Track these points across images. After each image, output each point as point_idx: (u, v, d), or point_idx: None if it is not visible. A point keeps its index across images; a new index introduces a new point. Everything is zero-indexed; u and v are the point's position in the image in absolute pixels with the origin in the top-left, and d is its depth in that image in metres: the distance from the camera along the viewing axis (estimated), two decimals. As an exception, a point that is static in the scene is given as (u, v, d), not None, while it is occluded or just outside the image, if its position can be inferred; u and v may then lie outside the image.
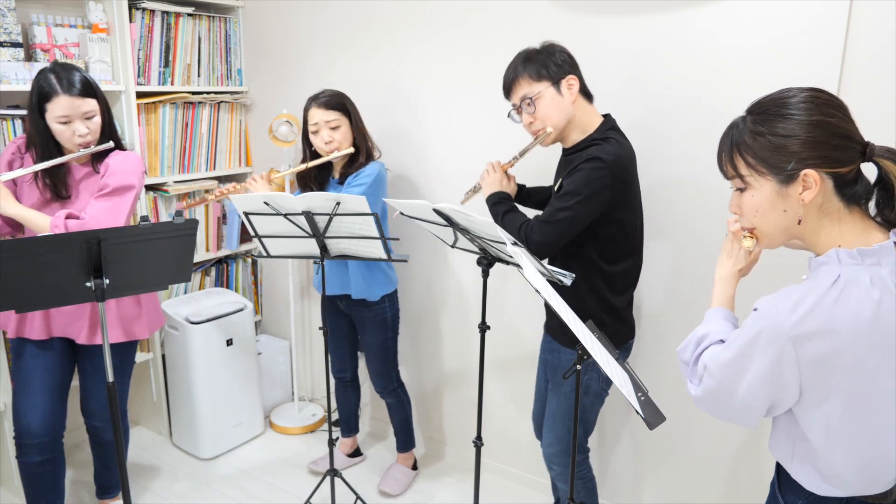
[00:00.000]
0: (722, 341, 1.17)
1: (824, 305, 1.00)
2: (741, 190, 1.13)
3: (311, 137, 2.38)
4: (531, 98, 1.79)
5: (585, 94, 1.85)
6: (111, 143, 2.09)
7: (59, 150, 2.05)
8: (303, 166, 2.40)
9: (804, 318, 1.00)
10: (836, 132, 1.04)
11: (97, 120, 2.05)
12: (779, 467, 1.23)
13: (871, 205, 1.11)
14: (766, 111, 1.08)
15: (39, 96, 1.97)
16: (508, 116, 1.90)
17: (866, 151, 1.06)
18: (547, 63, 1.78)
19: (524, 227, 1.81)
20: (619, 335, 1.91)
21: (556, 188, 1.86)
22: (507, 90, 1.86)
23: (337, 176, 2.45)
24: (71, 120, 1.99)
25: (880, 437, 1.06)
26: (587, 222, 1.77)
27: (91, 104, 2.03)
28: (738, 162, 1.11)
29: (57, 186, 2.07)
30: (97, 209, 2.03)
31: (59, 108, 1.97)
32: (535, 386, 2.18)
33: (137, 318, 2.23)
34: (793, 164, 1.05)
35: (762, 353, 1.05)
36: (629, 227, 1.84)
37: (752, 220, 1.14)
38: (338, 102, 2.36)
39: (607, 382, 1.93)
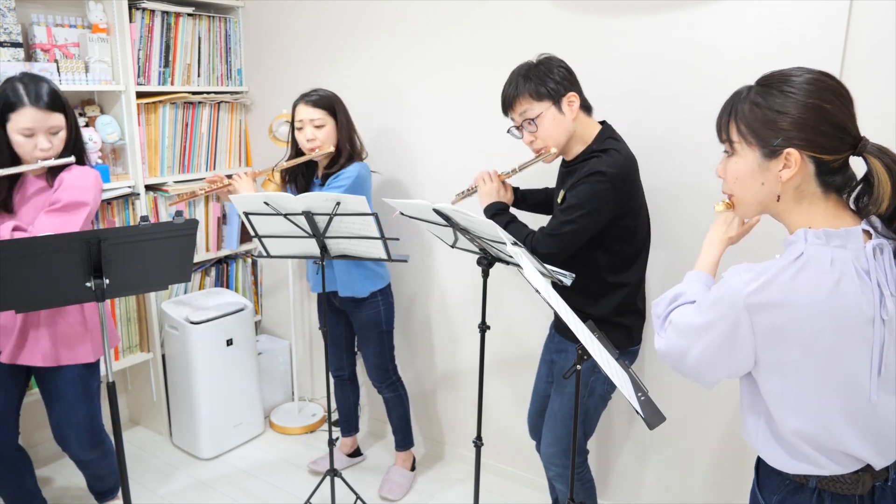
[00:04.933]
0: (693, 302, 1.22)
1: (783, 279, 1.03)
2: (728, 155, 1.17)
3: (296, 134, 2.39)
4: (532, 118, 1.80)
5: (585, 107, 1.85)
6: (72, 159, 1.99)
7: (13, 161, 1.94)
8: (283, 164, 2.40)
9: (761, 288, 1.04)
10: (828, 119, 1.06)
11: (62, 135, 1.97)
12: (757, 468, 1.26)
13: (853, 198, 1.13)
14: (770, 84, 1.11)
15: (4, 105, 1.89)
16: (508, 132, 1.91)
17: (858, 146, 1.08)
18: (546, 81, 1.78)
19: (529, 239, 1.82)
20: (620, 340, 1.92)
21: (559, 200, 1.88)
22: (507, 107, 1.86)
23: (319, 176, 2.45)
24: (34, 133, 1.91)
25: (829, 413, 1.08)
26: (592, 233, 1.79)
27: (58, 119, 1.95)
28: (732, 128, 1.14)
29: (3, 199, 1.97)
30: (45, 224, 1.93)
31: (24, 119, 1.89)
32: (533, 386, 2.18)
33: (82, 340, 2.09)
34: (779, 141, 1.08)
35: (721, 318, 1.09)
36: (632, 232, 1.85)
37: (732, 186, 1.18)
38: (326, 103, 2.35)
39: (612, 386, 1.93)
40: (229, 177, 2.41)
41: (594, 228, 1.78)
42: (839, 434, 1.09)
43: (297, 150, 2.44)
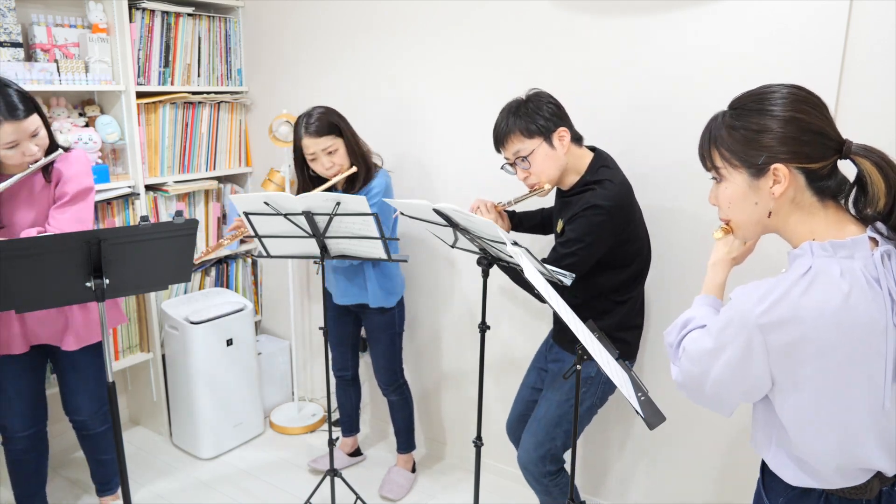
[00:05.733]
0: (704, 327, 1.21)
1: (792, 295, 1.02)
2: (717, 181, 1.17)
3: (311, 164, 2.35)
4: (525, 156, 1.82)
5: (576, 138, 1.87)
6: (61, 152, 2.01)
7: None
8: (311, 194, 2.38)
9: (772, 307, 1.03)
10: (808, 129, 1.06)
11: (43, 133, 1.96)
12: (763, 468, 1.25)
13: (851, 202, 1.12)
14: (744, 106, 1.11)
15: None
16: (502, 168, 1.93)
17: (843, 149, 1.08)
18: (536, 118, 1.80)
19: None
20: (626, 355, 1.95)
21: (557, 229, 1.90)
22: (499, 144, 1.88)
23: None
24: (19, 143, 1.90)
25: (849, 428, 1.07)
26: (592, 263, 1.82)
27: (35, 121, 1.92)
28: (714, 155, 1.14)
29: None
30: (63, 220, 1.98)
31: (5, 135, 1.86)
32: (517, 392, 2.19)
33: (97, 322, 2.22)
34: (763, 158, 1.07)
35: (732, 340, 1.08)
36: (633, 255, 1.88)
37: (727, 211, 1.18)
38: (327, 125, 2.29)
39: (601, 400, 1.96)
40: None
41: (594, 259, 1.81)
42: (857, 448, 1.08)
43: (311, 178, 2.40)
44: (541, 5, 2.25)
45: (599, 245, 1.79)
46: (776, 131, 1.06)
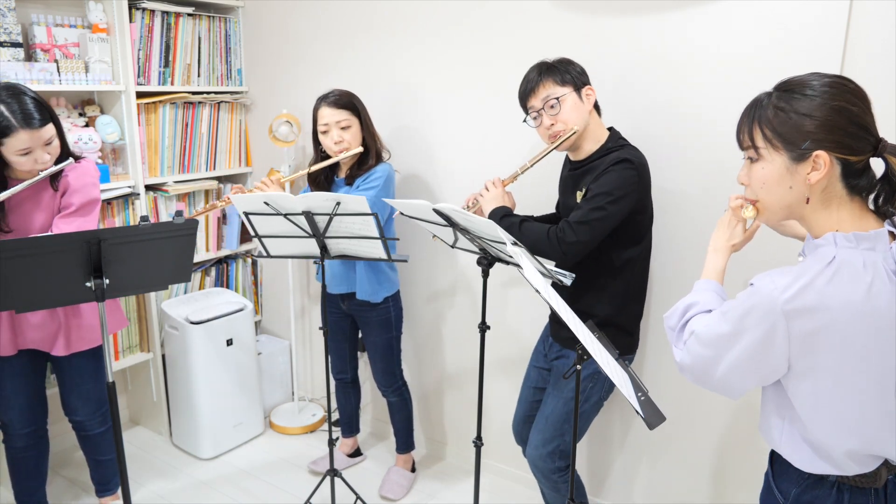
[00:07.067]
0: (709, 312, 1.21)
1: (818, 284, 1.03)
2: (753, 160, 1.16)
3: (321, 138, 2.38)
4: (557, 98, 1.81)
5: (597, 107, 1.90)
6: (71, 161, 2.01)
7: (5, 180, 1.95)
8: (311, 168, 2.40)
9: (798, 294, 1.04)
10: (854, 120, 1.07)
11: (56, 143, 1.96)
12: (772, 457, 1.25)
13: (871, 198, 1.14)
14: (792, 90, 1.11)
15: None
16: (524, 122, 1.92)
17: (878, 146, 1.09)
18: (569, 71, 1.84)
19: (553, 232, 1.79)
20: (623, 346, 1.93)
21: (577, 200, 1.87)
22: (528, 95, 1.87)
23: (343, 176, 2.44)
24: (32, 150, 1.90)
25: (864, 414, 1.09)
26: (618, 222, 1.79)
27: (50, 130, 1.92)
28: (756, 133, 1.14)
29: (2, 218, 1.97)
30: (65, 230, 1.97)
31: (19, 142, 1.86)
32: (519, 392, 2.19)
33: (96, 328, 2.22)
34: (807, 144, 1.08)
35: (755, 326, 1.08)
36: (644, 230, 1.87)
37: (758, 191, 1.17)
38: (347, 102, 2.36)
39: (608, 392, 1.95)
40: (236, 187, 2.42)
41: (620, 216, 1.78)
42: (872, 433, 1.09)
43: (322, 154, 2.43)
44: (541, 5, 2.25)
45: (627, 201, 1.76)
46: (823, 118, 1.07)
